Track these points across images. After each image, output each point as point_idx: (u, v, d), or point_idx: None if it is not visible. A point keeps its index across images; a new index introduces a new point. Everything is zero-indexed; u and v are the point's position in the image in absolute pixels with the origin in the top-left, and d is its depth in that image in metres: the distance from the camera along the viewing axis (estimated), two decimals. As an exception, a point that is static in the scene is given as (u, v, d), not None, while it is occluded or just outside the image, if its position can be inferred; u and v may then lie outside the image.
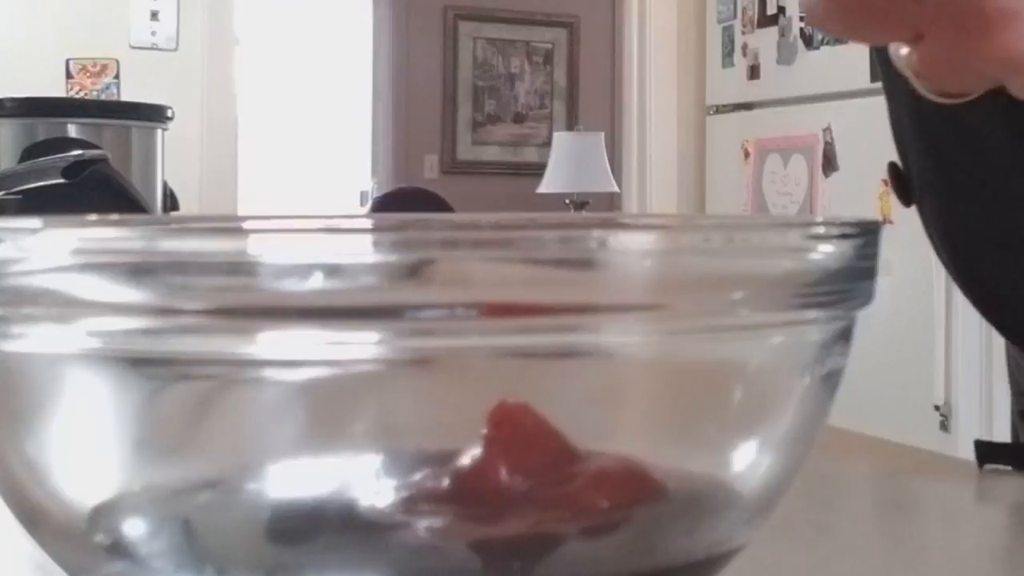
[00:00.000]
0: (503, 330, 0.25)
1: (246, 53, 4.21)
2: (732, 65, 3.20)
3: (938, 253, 0.57)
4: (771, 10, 3.06)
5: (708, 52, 3.31)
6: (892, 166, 0.58)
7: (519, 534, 0.27)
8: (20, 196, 1.21)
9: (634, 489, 0.28)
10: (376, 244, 0.24)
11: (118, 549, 0.28)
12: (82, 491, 0.28)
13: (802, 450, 0.30)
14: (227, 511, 0.28)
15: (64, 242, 0.25)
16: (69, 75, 3.29)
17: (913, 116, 0.54)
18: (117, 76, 3.32)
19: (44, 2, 3.26)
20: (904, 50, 0.29)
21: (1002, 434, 2.41)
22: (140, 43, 3.35)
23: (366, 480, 0.27)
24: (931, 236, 0.57)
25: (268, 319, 0.24)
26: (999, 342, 0.70)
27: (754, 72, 3.11)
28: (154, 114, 2.04)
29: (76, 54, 3.29)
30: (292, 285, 0.24)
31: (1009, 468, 0.51)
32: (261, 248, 0.25)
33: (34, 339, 0.26)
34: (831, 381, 0.30)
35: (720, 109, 3.24)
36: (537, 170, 4.21)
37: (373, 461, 0.27)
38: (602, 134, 4.04)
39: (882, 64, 0.56)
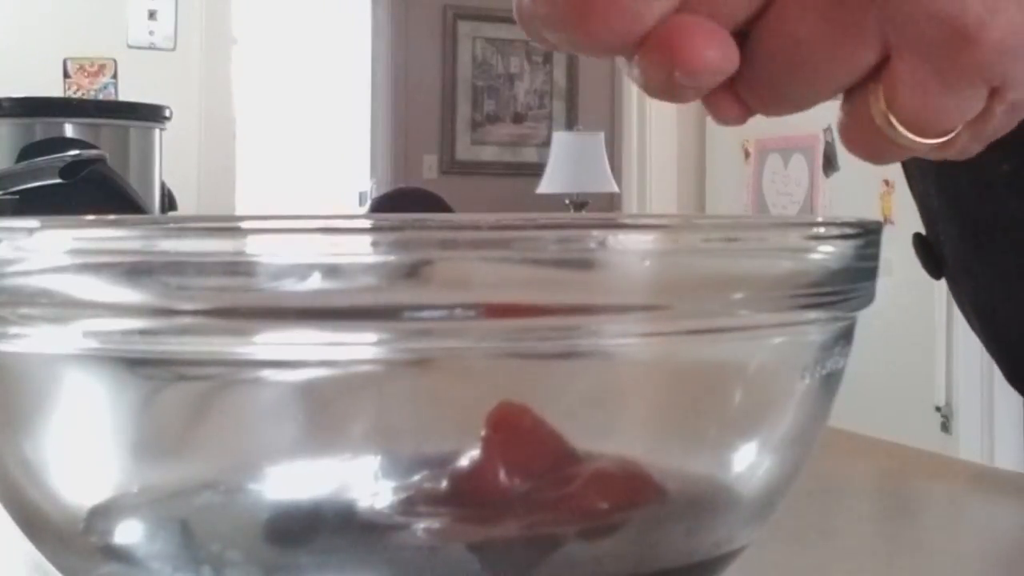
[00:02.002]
0: (502, 331, 0.25)
1: (244, 53, 4.21)
2: (732, 64, 3.19)
3: (968, 322, 0.56)
4: (770, 10, 3.05)
5: (707, 52, 3.30)
6: (917, 237, 0.56)
7: (518, 536, 0.27)
8: (17, 196, 1.21)
9: (634, 491, 0.28)
10: (375, 244, 0.24)
11: (115, 550, 0.28)
12: (79, 492, 0.28)
13: (802, 451, 0.30)
14: (225, 512, 0.28)
15: (61, 242, 0.25)
16: (66, 75, 3.29)
17: (948, 199, 0.52)
18: (115, 76, 3.32)
19: (41, 1, 3.26)
20: (874, 98, 0.26)
21: (1003, 435, 2.41)
22: (138, 43, 3.35)
23: (364, 481, 0.27)
24: (961, 306, 0.56)
25: (266, 320, 0.24)
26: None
27: (754, 72, 3.10)
28: (152, 114, 2.04)
29: (73, 54, 3.29)
30: (290, 285, 0.24)
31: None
32: (259, 248, 0.24)
33: (31, 339, 0.26)
34: (831, 382, 0.30)
35: (719, 109, 3.24)
36: (536, 170, 4.22)
37: (371, 462, 0.27)
38: (602, 134, 4.04)
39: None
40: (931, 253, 0.55)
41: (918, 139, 0.27)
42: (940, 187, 0.53)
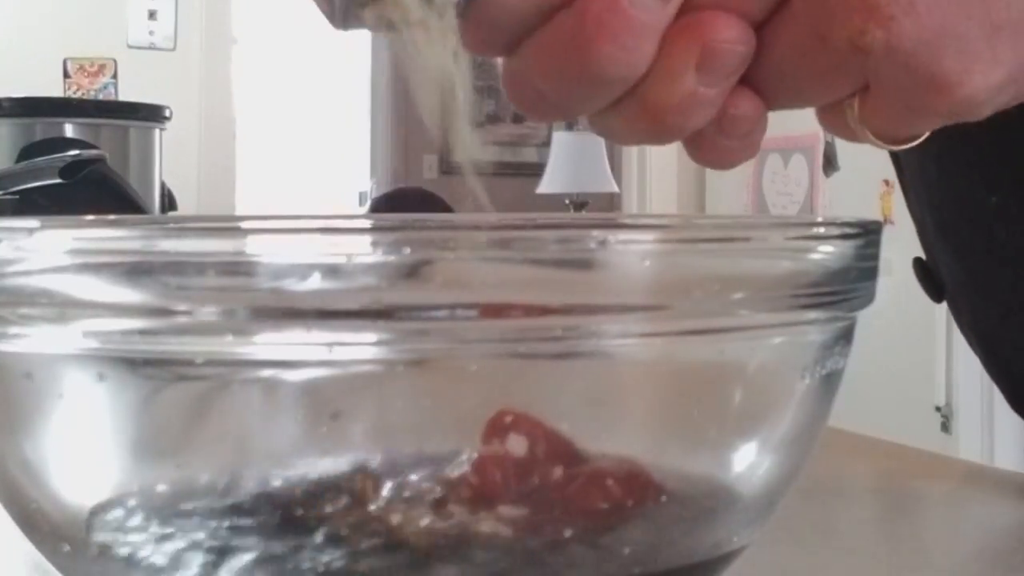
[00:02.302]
0: (502, 331, 0.25)
1: (244, 53, 4.21)
2: (732, 64, 3.19)
3: (969, 343, 0.56)
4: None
5: (707, 51, 3.29)
6: (918, 262, 0.57)
7: (518, 536, 0.27)
8: (17, 196, 1.21)
9: (634, 491, 0.28)
10: (375, 244, 0.24)
11: (115, 551, 0.28)
12: (79, 492, 0.28)
13: (802, 451, 0.30)
14: (224, 512, 0.28)
15: (61, 242, 0.25)
16: (66, 75, 3.29)
17: (941, 228, 0.53)
18: (115, 76, 3.32)
19: (41, 1, 3.26)
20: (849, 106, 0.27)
21: (1003, 435, 2.40)
22: (138, 43, 3.35)
23: (365, 479, 0.27)
24: (961, 328, 0.56)
25: (266, 320, 0.24)
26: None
27: (754, 72, 3.10)
28: (152, 114, 2.04)
29: (73, 54, 3.29)
30: (290, 285, 0.24)
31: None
32: (259, 248, 0.24)
33: (31, 339, 0.26)
34: (831, 382, 0.30)
35: (720, 109, 3.24)
36: (536, 170, 4.21)
37: (371, 462, 0.27)
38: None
39: (899, 171, 0.55)
40: (931, 277, 0.56)
41: (886, 145, 0.27)
42: (934, 217, 0.53)
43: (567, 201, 3.90)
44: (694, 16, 0.24)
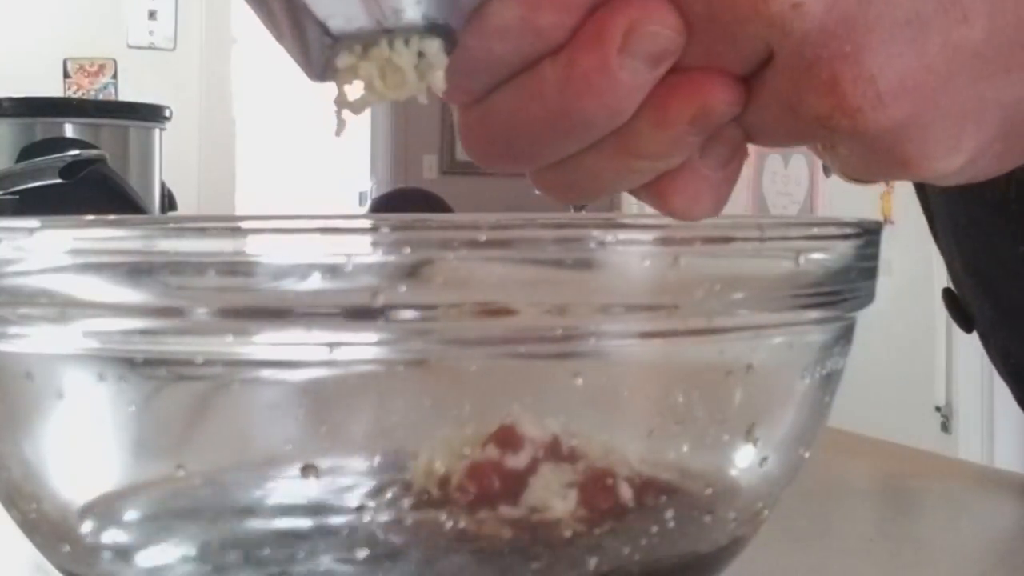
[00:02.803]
0: (502, 331, 0.25)
1: (244, 53, 4.21)
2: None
3: (1001, 376, 0.56)
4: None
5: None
6: (947, 293, 0.57)
7: (518, 535, 0.27)
8: (17, 196, 1.20)
9: (633, 490, 0.27)
10: (375, 244, 0.24)
11: (115, 550, 0.28)
12: (79, 492, 0.28)
13: (802, 450, 0.30)
14: (224, 511, 0.28)
15: (61, 242, 0.25)
16: (66, 75, 3.29)
17: (971, 273, 0.54)
18: (115, 76, 3.32)
19: (41, 2, 3.26)
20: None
21: (1003, 435, 2.40)
22: (138, 43, 3.35)
23: (363, 481, 0.27)
24: (993, 361, 0.56)
25: (266, 320, 0.24)
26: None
27: (754, 71, 3.09)
28: (152, 114, 2.04)
29: (73, 54, 3.29)
30: (290, 285, 0.24)
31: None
32: (259, 248, 0.24)
33: (31, 339, 0.26)
34: (831, 381, 0.30)
35: (719, 109, 3.23)
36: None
37: (371, 462, 0.27)
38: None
39: (929, 215, 0.55)
40: (960, 309, 0.56)
41: (859, 185, 0.28)
42: (964, 260, 0.53)
43: (567, 201, 3.90)
44: (687, 76, 0.24)
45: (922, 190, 0.55)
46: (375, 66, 0.23)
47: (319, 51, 0.22)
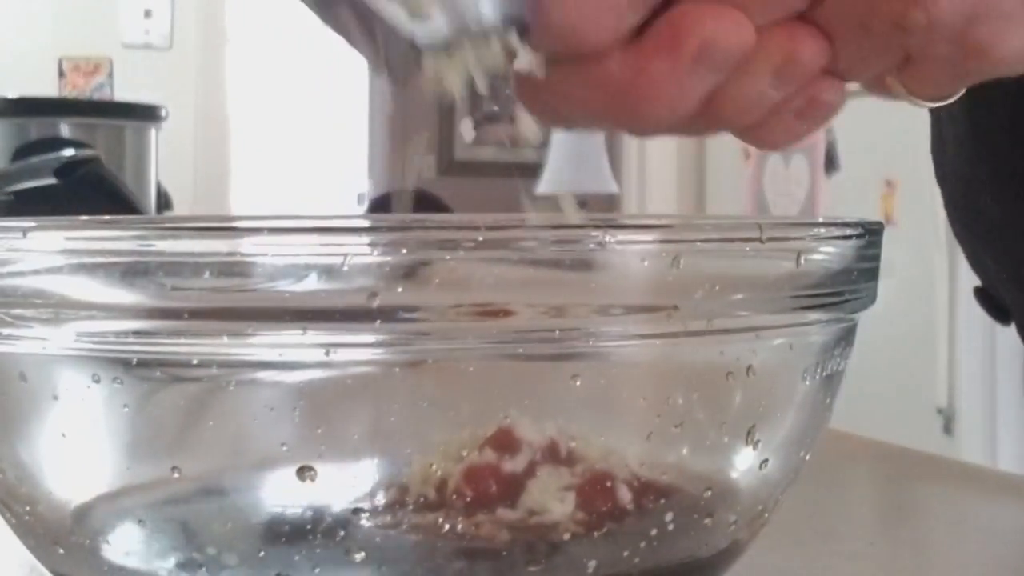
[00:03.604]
0: (500, 331, 0.25)
1: (240, 52, 4.21)
2: (731, 64, 3.19)
3: None
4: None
5: (706, 51, 3.29)
6: (978, 290, 0.58)
7: (518, 536, 0.27)
8: (12, 196, 1.20)
9: (633, 491, 0.27)
10: (372, 245, 0.24)
11: (109, 552, 0.28)
12: (74, 493, 0.27)
13: (803, 453, 0.30)
14: (220, 513, 0.27)
15: (56, 243, 0.25)
16: (61, 74, 3.29)
17: (1004, 267, 0.54)
18: (110, 75, 3.32)
19: (36, 1, 3.26)
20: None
21: (1005, 437, 2.40)
22: (133, 42, 3.35)
23: (360, 483, 0.27)
24: None
25: (262, 320, 0.24)
26: (1002, 344, 0.70)
27: (753, 71, 3.09)
28: (147, 114, 2.03)
29: (69, 53, 3.29)
30: (287, 286, 0.24)
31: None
32: (255, 249, 0.24)
33: (25, 340, 0.26)
34: (832, 383, 0.30)
35: (718, 109, 3.24)
36: (536, 170, 4.21)
37: (368, 463, 0.27)
38: (602, 134, 4.04)
39: (951, 207, 0.55)
40: (994, 303, 0.56)
41: (924, 103, 0.28)
42: (995, 256, 0.54)
43: (565, 201, 3.90)
44: (773, 32, 0.25)
45: (947, 183, 0.55)
46: (460, 68, 0.24)
47: (401, 61, 0.23)
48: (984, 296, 0.57)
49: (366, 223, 0.26)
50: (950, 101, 0.29)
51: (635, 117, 0.25)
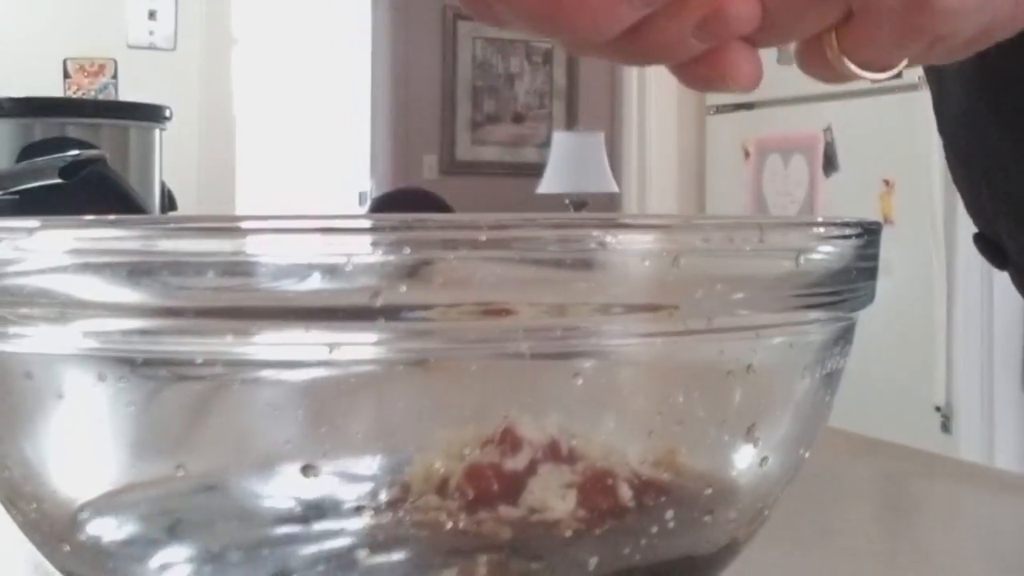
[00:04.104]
0: (502, 330, 0.25)
1: (244, 53, 4.21)
2: (732, 64, 3.18)
3: None
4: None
5: (707, 51, 3.29)
6: (977, 236, 0.58)
7: (517, 534, 0.27)
8: (17, 196, 1.20)
9: (633, 490, 0.27)
10: (375, 244, 0.24)
11: (114, 550, 0.28)
12: (79, 492, 0.28)
13: (802, 451, 0.30)
14: (224, 512, 0.27)
15: (61, 242, 0.25)
16: (66, 75, 3.29)
17: (1002, 203, 0.54)
18: (115, 76, 3.32)
19: (41, 2, 3.26)
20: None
21: (1003, 435, 2.40)
22: (138, 43, 3.35)
23: (363, 481, 0.27)
24: (1021, 290, 0.57)
25: (266, 320, 0.24)
26: (999, 343, 0.70)
27: (754, 72, 3.09)
28: (152, 114, 2.03)
29: (73, 54, 3.29)
30: (290, 285, 0.24)
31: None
32: (259, 248, 0.24)
33: (31, 339, 0.26)
34: (831, 381, 0.30)
35: (720, 109, 3.24)
36: (536, 170, 4.21)
37: (370, 462, 0.27)
38: (602, 134, 4.04)
39: (951, 150, 0.55)
40: (992, 247, 0.57)
41: (865, 74, 0.28)
42: (992, 194, 0.54)
43: (567, 201, 3.90)
44: None
45: (947, 131, 0.55)
46: None
47: None
48: (982, 241, 0.58)
49: (369, 223, 0.26)
50: (891, 74, 0.29)
51: (562, 26, 0.25)
